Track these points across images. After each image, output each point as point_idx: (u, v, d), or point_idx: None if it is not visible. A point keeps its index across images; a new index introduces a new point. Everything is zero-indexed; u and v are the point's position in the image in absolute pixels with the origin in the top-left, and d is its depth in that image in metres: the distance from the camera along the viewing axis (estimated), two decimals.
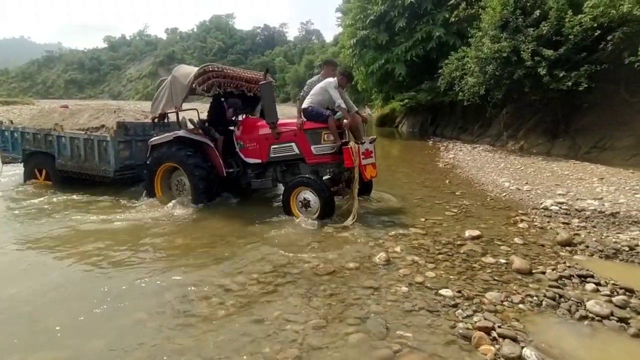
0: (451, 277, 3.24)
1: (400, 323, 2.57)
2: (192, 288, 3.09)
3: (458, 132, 15.78)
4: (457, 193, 6.41)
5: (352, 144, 4.76)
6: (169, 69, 5.88)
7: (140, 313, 2.74)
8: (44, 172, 6.92)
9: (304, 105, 5.09)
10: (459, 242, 4.04)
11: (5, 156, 7.31)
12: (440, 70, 14.04)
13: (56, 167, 6.62)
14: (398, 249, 3.85)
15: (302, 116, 5.09)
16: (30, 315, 2.72)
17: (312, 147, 5.01)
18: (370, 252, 3.79)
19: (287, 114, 5.46)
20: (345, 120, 4.91)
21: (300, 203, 4.84)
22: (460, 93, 12.07)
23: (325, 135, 4.96)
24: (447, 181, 7.52)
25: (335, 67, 5.60)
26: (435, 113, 18.48)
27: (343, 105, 4.90)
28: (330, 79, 5.08)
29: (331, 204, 4.76)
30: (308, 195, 4.77)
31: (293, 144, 5.12)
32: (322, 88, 5.02)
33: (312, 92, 5.13)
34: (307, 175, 4.91)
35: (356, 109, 5.28)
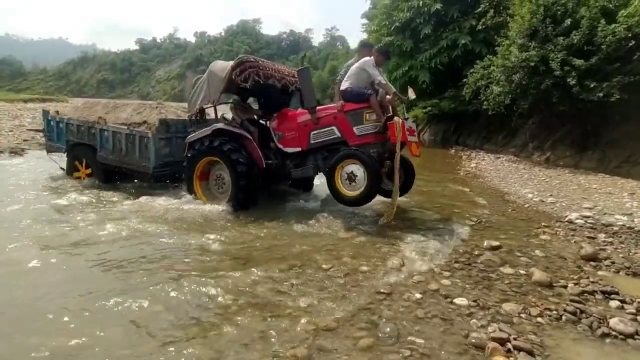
0: (467, 286, 3.18)
1: (412, 329, 2.54)
2: (207, 283, 3.13)
3: (481, 142, 15.47)
4: (477, 202, 6.28)
5: (397, 118, 4.61)
6: (196, 72, 5.97)
7: (156, 305, 2.79)
8: (84, 163, 7.00)
9: (342, 87, 5.00)
10: (476, 252, 3.96)
11: (50, 145, 7.48)
12: (465, 79, 13.85)
13: (97, 159, 6.68)
14: (413, 255, 3.80)
15: (341, 98, 5.01)
16: (50, 301, 2.81)
17: (354, 129, 4.88)
18: (384, 257, 3.75)
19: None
20: (388, 97, 4.79)
21: (345, 176, 4.70)
22: (485, 102, 11.87)
23: (367, 115, 4.83)
24: (467, 190, 7.38)
25: (372, 49, 5.56)
26: (459, 122, 18.19)
27: (383, 81, 4.79)
28: (367, 58, 4.97)
29: (378, 181, 4.55)
30: (355, 168, 4.64)
31: (334, 127, 5.00)
32: (359, 68, 4.93)
33: (349, 73, 5.04)
34: (356, 148, 4.76)
35: (394, 89, 5.09)
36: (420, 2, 16.77)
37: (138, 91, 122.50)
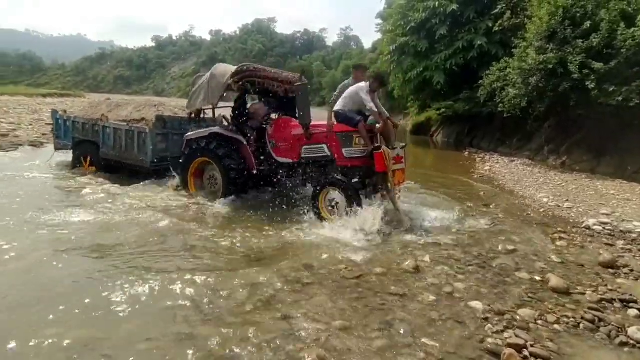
0: (482, 290, 3.15)
1: (426, 332, 2.53)
2: (222, 282, 3.16)
3: (496, 145, 15.25)
4: (491, 206, 6.21)
5: (384, 148, 4.72)
6: (207, 72, 6.04)
7: (170, 302, 2.83)
8: (89, 159, 7.35)
9: (336, 108, 5.10)
10: (491, 255, 3.92)
11: (58, 143, 7.85)
12: (480, 81, 13.68)
13: (100, 155, 7.03)
14: (427, 258, 3.78)
15: (334, 119, 5.10)
16: (66, 296, 2.87)
17: (343, 150, 5.01)
18: (398, 259, 3.75)
19: (322, 117, 5.52)
20: (377, 125, 4.89)
21: (328, 204, 4.87)
22: (501, 104, 11.71)
23: (357, 139, 4.94)
24: (481, 193, 7.30)
25: (365, 71, 5.59)
26: (473, 124, 17.96)
27: (375, 109, 4.88)
28: (362, 84, 5.06)
29: (358, 202, 4.68)
30: (335, 195, 4.81)
31: (324, 145, 5.15)
32: (354, 92, 5.00)
33: (343, 96, 5.12)
34: (333, 175, 4.94)
35: (387, 115, 5.23)
36: (436, 3, 16.61)
37: (153, 88, 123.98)
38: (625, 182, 7.80)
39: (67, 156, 7.79)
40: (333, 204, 4.83)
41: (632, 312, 2.88)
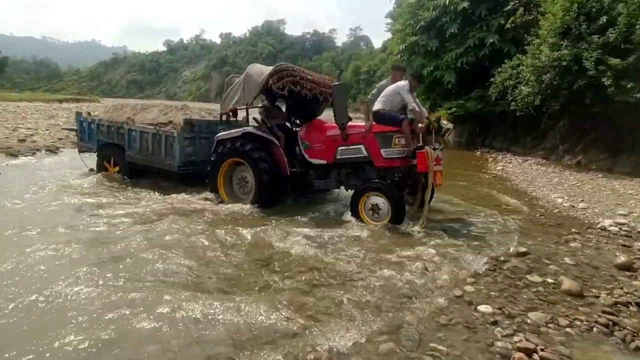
0: (492, 293, 3.10)
1: (435, 336, 2.50)
2: (228, 283, 3.19)
3: (508, 144, 15.00)
4: (503, 206, 6.11)
5: (427, 148, 4.63)
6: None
7: (178, 301, 2.86)
8: (113, 162, 7.34)
9: (375, 108, 5.04)
10: (502, 258, 3.85)
11: (82, 145, 7.86)
12: (492, 79, 13.49)
13: (126, 158, 6.98)
14: (437, 259, 3.73)
15: (373, 119, 5.03)
16: (85, 295, 2.93)
17: (382, 151, 4.92)
18: (407, 261, 3.71)
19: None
20: (420, 125, 4.82)
21: (370, 207, 4.81)
22: (513, 103, 11.52)
23: (397, 139, 4.85)
24: (493, 193, 7.19)
25: (404, 71, 5.51)
26: (484, 123, 17.71)
27: (417, 108, 4.83)
28: (403, 82, 5.00)
29: (402, 209, 4.70)
30: (377, 200, 4.75)
31: (362, 146, 5.06)
32: (394, 91, 4.95)
33: (382, 95, 5.07)
34: (377, 180, 4.89)
35: (427, 114, 5.13)
36: (447, 1, 16.40)
37: (165, 91, 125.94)
38: None
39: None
40: (374, 208, 4.76)
41: None
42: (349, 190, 5.38)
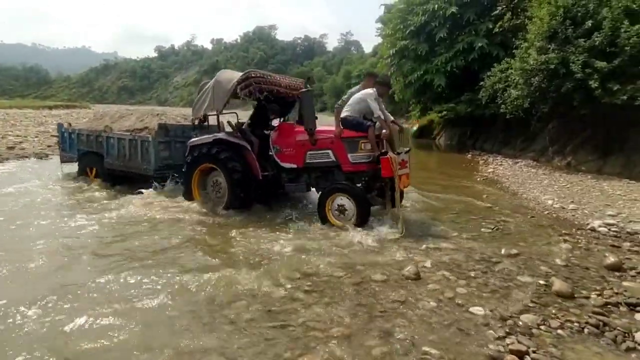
0: (484, 295, 3.10)
1: (427, 339, 2.49)
2: (219, 290, 3.15)
3: (499, 146, 15.15)
4: (494, 209, 6.14)
5: (390, 154, 4.74)
6: (212, 79, 6.06)
7: (171, 310, 2.82)
8: (94, 170, 7.44)
9: (343, 114, 5.13)
10: (494, 260, 3.87)
11: (64, 155, 7.96)
12: (481, 82, 13.64)
13: (104, 165, 7.12)
14: (428, 263, 3.73)
15: (341, 125, 5.11)
16: (65, 300, 2.88)
17: (349, 156, 5.03)
18: (399, 265, 3.70)
19: (324, 122, 5.54)
20: (384, 131, 4.92)
21: (335, 210, 4.87)
22: (503, 106, 11.65)
23: (363, 145, 4.97)
24: (484, 195, 7.23)
25: (376, 79, 5.60)
26: (475, 126, 17.87)
27: (382, 117, 4.95)
28: (370, 90, 5.11)
29: (367, 209, 4.81)
30: (344, 201, 4.82)
31: (330, 151, 5.17)
32: (361, 99, 5.06)
33: (350, 102, 5.18)
34: (342, 182, 4.98)
35: (392, 118, 5.29)
36: (436, 6, 16.63)
37: (156, 97, 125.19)
38: (632, 182, 7.69)
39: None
40: (341, 209, 4.84)
41: (639, 316, 2.80)
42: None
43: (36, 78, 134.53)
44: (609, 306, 2.95)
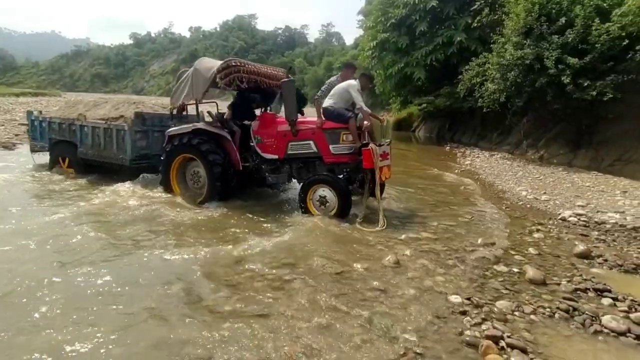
0: (461, 283, 3.18)
1: (406, 327, 2.53)
2: (200, 281, 3.11)
3: (476, 139, 15.52)
4: (471, 199, 6.30)
5: (372, 145, 4.73)
6: (191, 66, 5.89)
7: (149, 302, 2.77)
8: (67, 160, 7.12)
9: (325, 105, 5.08)
10: (471, 249, 3.97)
11: (34, 145, 7.56)
12: (460, 76, 13.86)
13: (78, 155, 6.82)
14: (408, 252, 3.79)
15: (322, 115, 5.08)
16: (43, 300, 2.78)
17: (331, 147, 5.00)
18: (379, 254, 3.75)
19: (306, 113, 5.52)
20: (365, 122, 4.91)
21: (317, 200, 4.87)
22: (480, 99, 11.88)
23: (344, 136, 4.95)
24: (461, 187, 7.40)
25: (355, 70, 5.60)
26: (454, 119, 18.22)
27: (365, 108, 4.93)
28: (353, 81, 5.07)
29: (348, 201, 4.81)
30: (325, 192, 4.81)
31: (311, 142, 5.12)
32: (344, 89, 5.00)
33: (332, 93, 5.12)
34: (324, 173, 4.96)
35: (369, 111, 5.26)
36: None
37: (132, 86, 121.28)
38: (600, 174, 8.03)
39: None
40: (322, 200, 4.83)
41: (606, 301, 2.95)
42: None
43: (1, 64, 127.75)
44: (578, 292, 3.09)
